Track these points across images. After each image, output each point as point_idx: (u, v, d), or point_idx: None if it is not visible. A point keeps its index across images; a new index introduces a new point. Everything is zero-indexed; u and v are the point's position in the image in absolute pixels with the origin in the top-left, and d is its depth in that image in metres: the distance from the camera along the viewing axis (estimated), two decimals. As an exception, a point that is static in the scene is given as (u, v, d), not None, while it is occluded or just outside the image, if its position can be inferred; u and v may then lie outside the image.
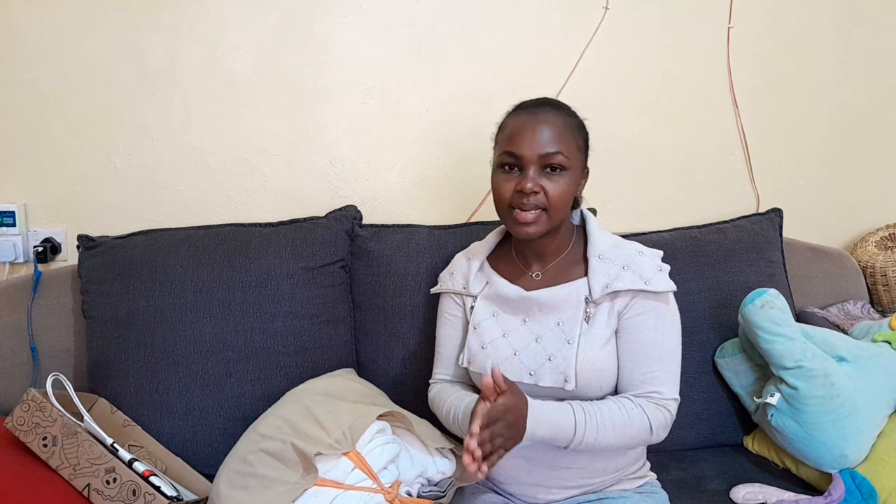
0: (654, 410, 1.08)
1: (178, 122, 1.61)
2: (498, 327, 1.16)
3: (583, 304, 1.12)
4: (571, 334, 1.10)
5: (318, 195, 1.66)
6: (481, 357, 1.15)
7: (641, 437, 1.08)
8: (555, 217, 1.10)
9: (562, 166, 1.09)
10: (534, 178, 1.08)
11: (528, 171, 1.09)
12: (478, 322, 1.18)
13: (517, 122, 1.12)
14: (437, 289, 1.29)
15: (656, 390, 1.09)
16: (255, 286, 1.42)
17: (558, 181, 1.09)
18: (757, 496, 1.27)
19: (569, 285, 1.14)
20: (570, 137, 1.11)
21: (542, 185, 1.08)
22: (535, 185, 1.08)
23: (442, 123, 1.67)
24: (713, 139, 1.74)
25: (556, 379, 1.09)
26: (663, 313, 1.12)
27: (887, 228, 1.77)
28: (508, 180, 1.10)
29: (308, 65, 1.62)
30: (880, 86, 1.76)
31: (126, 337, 1.40)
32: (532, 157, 1.08)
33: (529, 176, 1.08)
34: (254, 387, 1.39)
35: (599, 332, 1.10)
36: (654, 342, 1.10)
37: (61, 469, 1.13)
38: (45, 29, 1.56)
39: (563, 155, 1.09)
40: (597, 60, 1.66)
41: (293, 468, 1.09)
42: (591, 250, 1.15)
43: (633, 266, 1.11)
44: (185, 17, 1.58)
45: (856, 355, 1.32)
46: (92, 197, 1.63)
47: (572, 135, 1.12)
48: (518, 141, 1.09)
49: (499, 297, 1.17)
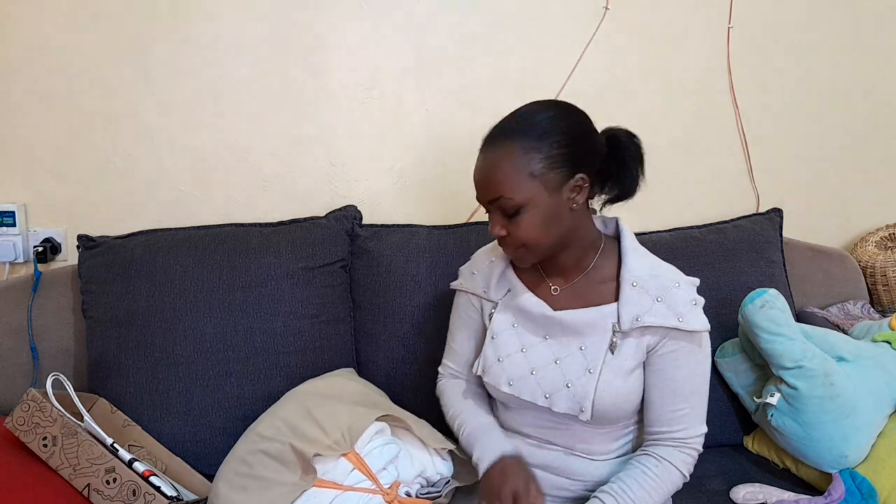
0: (682, 458, 1.08)
1: (178, 122, 1.61)
2: (516, 340, 1.12)
3: (609, 333, 1.06)
4: (594, 363, 1.05)
5: (318, 195, 1.66)
6: (496, 370, 1.12)
7: (675, 487, 1.08)
8: (539, 249, 1.06)
9: (514, 207, 1.01)
10: (497, 220, 1.05)
11: (491, 215, 1.06)
12: (496, 332, 1.14)
13: (476, 161, 1.07)
14: (456, 285, 1.24)
15: (683, 429, 1.07)
16: (255, 286, 1.43)
17: (519, 222, 1.02)
18: (757, 496, 1.27)
19: (596, 310, 1.08)
20: (513, 172, 1.01)
21: (507, 228, 1.04)
22: (500, 229, 1.05)
23: (442, 123, 1.67)
24: (713, 139, 1.74)
25: (571, 407, 1.05)
26: (695, 351, 1.07)
27: (887, 228, 1.77)
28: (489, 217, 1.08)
29: (308, 65, 1.62)
30: (880, 86, 1.76)
31: (126, 337, 1.40)
32: (484, 203, 1.06)
33: (493, 220, 1.05)
34: (254, 387, 1.39)
35: (623, 364, 1.05)
36: (684, 380, 1.06)
37: (61, 469, 1.13)
38: (45, 29, 1.56)
39: (505, 197, 1.01)
40: (597, 60, 1.66)
41: (292, 469, 1.09)
42: (626, 275, 1.07)
43: (668, 299, 1.05)
44: (185, 17, 1.58)
45: (856, 355, 1.32)
46: (92, 197, 1.63)
47: (516, 168, 1.01)
48: (476, 184, 1.06)
49: (520, 309, 1.12)
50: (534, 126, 1.03)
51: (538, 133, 1.02)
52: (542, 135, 1.02)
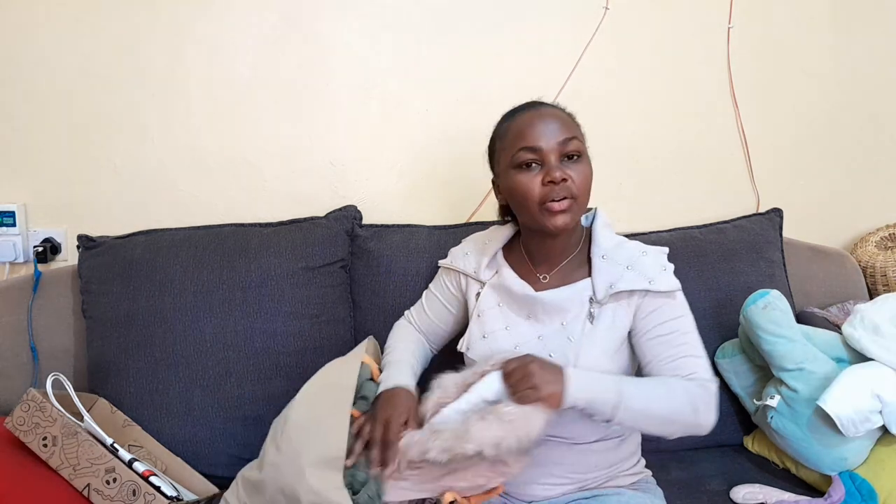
0: (695, 387, 1.04)
1: (178, 122, 1.61)
2: (501, 319, 1.17)
3: (587, 305, 1.11)
4: (573, 333, 1.10)
5: (318, 195, 1.66)
6: (481, 346, 1.16)
7: (686, 412, 1.03)
8: (582, 205, 1.10)
9: (579, 152, 1.09)
10: (558, 166, 1.07)
11: (550, 160, 1.07)
12: (482, 310, 1.18)
13: (523, 120, 1.10)
14: (446, 263, 1.29)
15: (691, 373, 1.06)
16: (255, 286, 1.43)
17: (580, 167, 1.08)
18: (757, 496, 1.27)
19: (573, 286, 1.13)
20: (576, 126, 1.13)
21: (568, 173, 1.07)
22: (562, 173, 1.06)
23: (442, 123, 1.67)
24: (713, 139, 1.74)
25: None
26: (673, 305, 1.11)
27: (887, 228, 1.77)
28: (533, 177, 1.07)
29: (308, 65, 1.62)
30: (880, 85, 1.76)
31: (126, 337, 1.40)
32: (552, 147, 1.07)
33: (553, 165, 1.07)
34: (254, 387, 1.39)
35: (603, 334, 1.10)
36: (671, 331, 1.09)
37: (61, 469, 1.13)
38: (45, 29, 1.56)
39: (579, 140, 1.09)
40: (597, 60, 1.66)
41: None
42: (595, 250, 1.14)
43: (637, 266, 1.11)
44: (185, 17, 1.58)
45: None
46: (92, 197, 1.63)
47: (576, 126, 1.13)
48: (532, 134, 1.08)
49: (505, 290, 1.17)
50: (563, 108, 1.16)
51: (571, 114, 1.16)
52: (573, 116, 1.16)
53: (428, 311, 1.31)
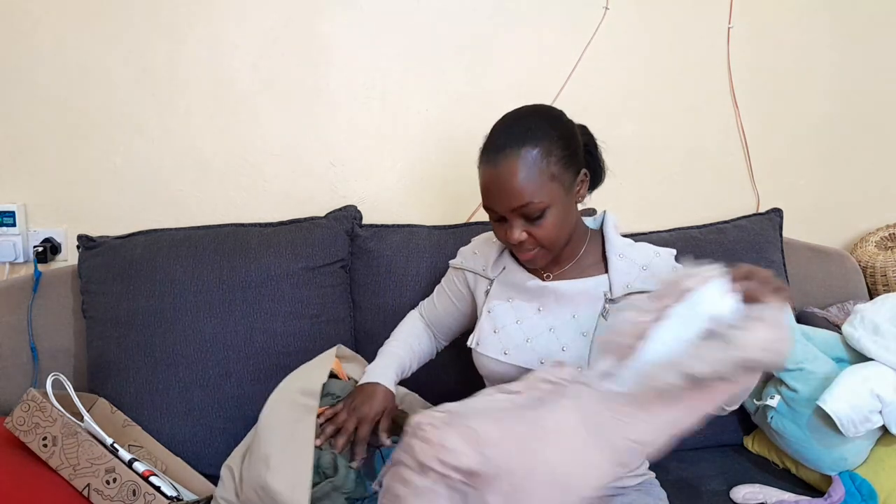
0: None
1: (178, 122, 1.61)
2: (512, 313, 1.17)
3: (601, 300, 1.11)
4: (587, 327, 1.10)
5: (318, 195, 1.66)
6: (492, 341, 1.16)
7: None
8: (556, 247, 1.10)
9: (540, 211, 1.05)
10: (518, 227, 1.06)
11: (511, 222, 1.06)
12: (492, 306, 1.19)
13: (485, 175, 1.07)
14: (455, 263, 1.31)
15: None
16: (255, 286, 1.42)
17: (542, 224, 1.06)
18: (757, 496, 1.27)
19: (588, 280, 1.14)
20: (537, 176, 1.04)
21: (528, 231, 1.06)
22: (520, 234, 1.06)
23: (442, 123, 1.67)
24: (713, 139, 1.74)
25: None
26: None
27: (887, 228, 1.77)
28: (499, 228, 1.10)
29: (308, 65, 1.62)
30: (880, 85, 1.76)
31: (126, 337, 1.40)
32: (506, 212, 1.06)
33: (513, 227, 1.06)
34: (254, 387, 1.39)
35: None
36: None
37: (61, 469, 1.13)
38: (44, 29, 1.56)
39: (534, 202, 1.03)
40: (597, 60, 1.66)
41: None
42: (611, 249, 1.15)
43: (652, 267, 1.13)
44: (185, 17, 1.58)
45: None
46: (92, 197, 1.63)
47: (540, 172, 1.04)
48: (489, 197, 1.07)
49: (514, 284, 1.18)
50: (541, 130, 1.05)
51: (548, 137, 1.05)
52: (552, 138, 1.05)
53: (437, 305, 1.33)
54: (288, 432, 1.10)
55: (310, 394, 1.15)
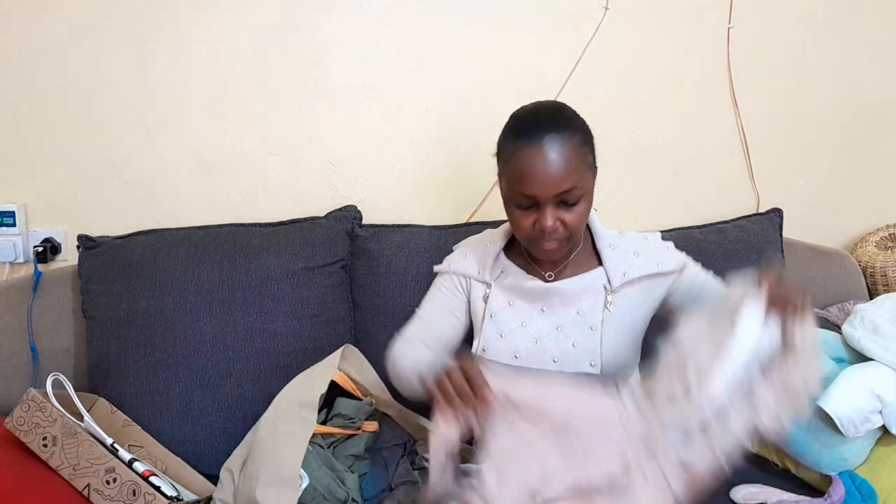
0: None
1: (178, 123, 1.61)
2: (515, 316, 1.15)
3: (602, 293, 1.13)
4: (594, 321, 1.11)
5: (318, 195, 1.66)
6: (500, 346, 1.14)
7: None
8: (577, 238, 1.12)
9: (577, 198, 1.04)
10: (552, 213, 1.03)
11: (546, 209, 1.03)
12: (495, 311, 1.16)
13: (524, 157, 1.02)
14: (444, 268, 1.24)
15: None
16: (255, 286, 1.42)
17: (576, 210, 1.05)
18: (757, 496, 1.26)
19: (586, 275, 1.15)
20: (580, 162, 1.04)
21: (561, 219, 1.04)
22: (554, 221, 1.04)
23: (442, 123, 1.67)
24: (713, 139, 1.74)
25: (580, 365, 1.10)
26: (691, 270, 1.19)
27: (887, 228, 1.77)
28: (527, 216, 1.05)
29: (308, 65, 1.62)
30: (880, 86, 1.76)
31: (126, 337, 1.40)
32: (548, 197, 1.02)
33: (548, 214, 1.03)
34: (254, 387, 1.39)
35: (621, 319, 1.13)
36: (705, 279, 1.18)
37: (61, 469, 1.13)
38: (44, 29, 1.56)
39: (577, 187, 1.03)
40: (597, 60, 1.66)
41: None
42: (601, 242, 1.17)
43: (643, 251, 1.16)
44: (184, 17, 1.58)
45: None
46: (92, 197, 1.63)
47: (581, 157, 1.04)
48: (529, 182, 1.02)
49: (514, 287, 1.17)
50: (579, 120, 1.08)
51: (584, 128, 1.08)
52: (586, 130, 1.09)
53: (431, 322, 1.22)
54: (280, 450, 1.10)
55: (308, 406, 1.15)
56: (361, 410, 1.24)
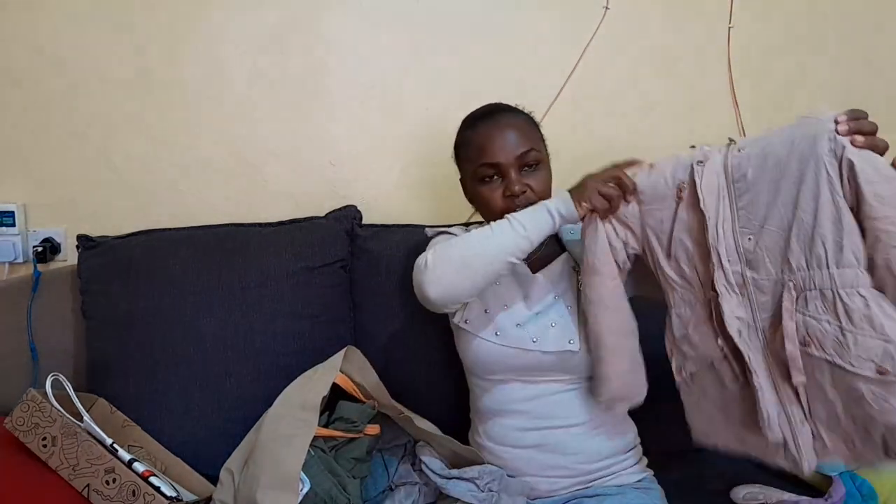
0: None
1: (177, 122, 1.61)
2: (500, 297, 1.19)
3: (574, 276, 1.20)
4: (570, 301, 1.17)
5: (318, 195, 1.66)
6: (483, 320, 1.18)
7: None
8: None
9: (538, 161, 1.15)
10: (517, 179, 1.13)
11: (510, 174, 1.13)
12: None
13: (482, 133, 1.17)
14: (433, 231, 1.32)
15: None
16: (255, 286, 1.42)
17: (538, 175, 1.15)
18: (757, 496, 1.27)
19: (556, 262, 1.21)
20: (534, 132, 1.19)
21: (527, 184, 1.13)
22: (521, 185, 1.13)
23: (442, 123, 1.66)
24: (713, 139, 1.73)
25: (560, 343, 1.13)
26: None
27: (887, 228, 1.77)
28: (494, 189, 1.15)
29: (308, 64, 1.62)
30: (880, 85, 1.76)
31: (125, 337, 1.40)
32: (510, 161, 1.13)
33: (513, 179, 1.13)
34: (254, 387, 1.39)
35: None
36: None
37: (61, 469, 1.13)
38: (44, 29, 1.56)
39: (535, 150, 1.15)
40: (597, 60, 1.66)
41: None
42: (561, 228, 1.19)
43: None
44: (184, 17, 1.58)
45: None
46: (92, 197, 1.63)
47: (535, 129, 1.19)
48: (491, 150, 1.14)
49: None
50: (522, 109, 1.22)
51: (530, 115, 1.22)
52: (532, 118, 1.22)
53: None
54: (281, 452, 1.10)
55: (310, 408, 1.15)
56: (364, 414, 1.24)
